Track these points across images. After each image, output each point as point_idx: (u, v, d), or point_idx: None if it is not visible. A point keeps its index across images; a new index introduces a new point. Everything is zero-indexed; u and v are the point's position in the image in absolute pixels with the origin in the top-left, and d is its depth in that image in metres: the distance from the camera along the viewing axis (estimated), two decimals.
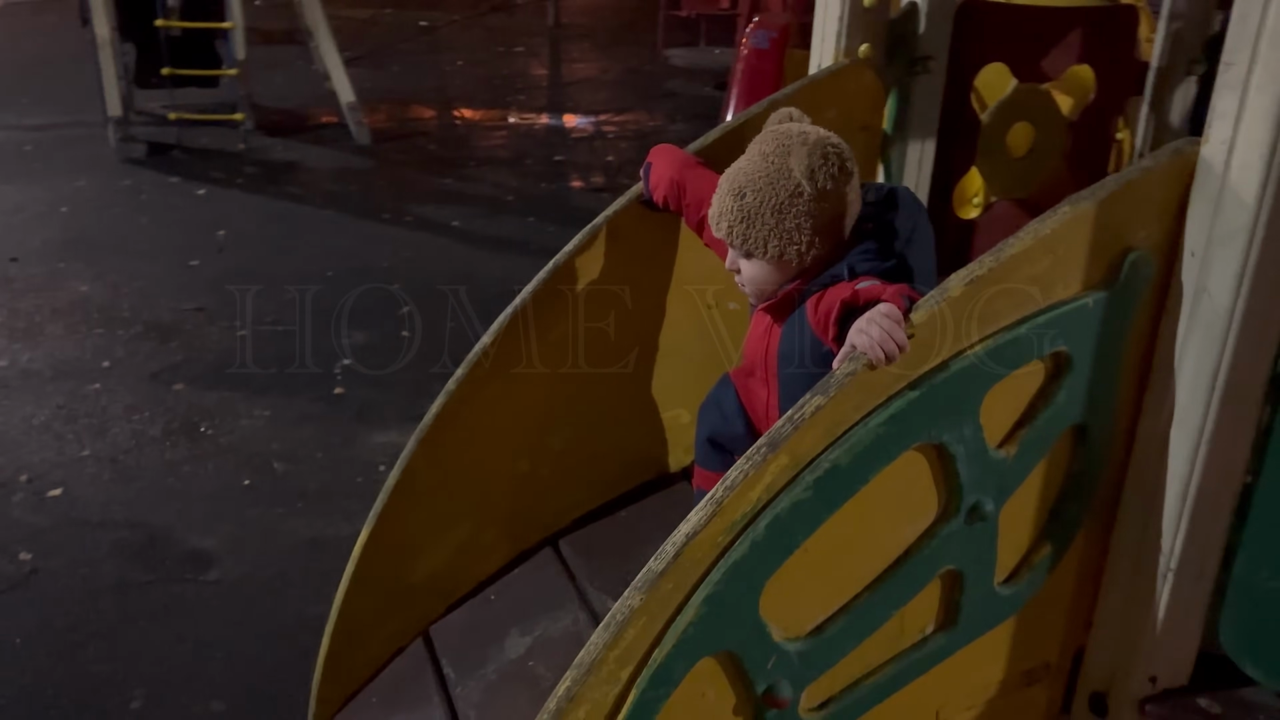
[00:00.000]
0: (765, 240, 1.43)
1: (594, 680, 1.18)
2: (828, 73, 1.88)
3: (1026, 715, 1.51)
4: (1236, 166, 1.15)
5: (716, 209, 1.49)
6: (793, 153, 1.41)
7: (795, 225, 1.41)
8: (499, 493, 1.89)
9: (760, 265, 1.47)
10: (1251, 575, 1.32)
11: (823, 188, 1.39)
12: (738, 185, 1.46)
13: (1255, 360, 1.22)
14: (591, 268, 1.84)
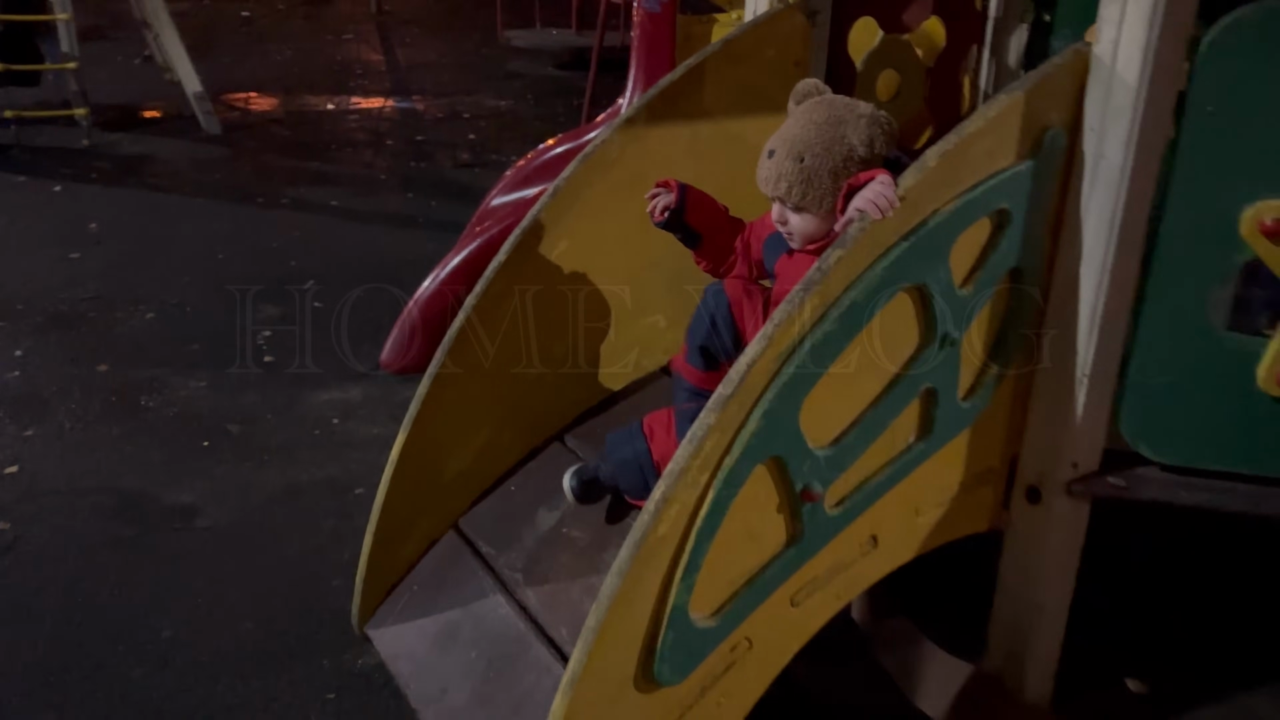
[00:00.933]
0: (821, 198, 1.70)
1: (681, 485, 1.48)
2: (766, 16, 2.23)
3: (978, 510, 1.91)
4: (1121, 60, 1.57)
5: (774, 171, 1.72)
6: (848, 123, 1.69)
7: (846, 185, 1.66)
8: (513, 397, 2.16)
9: (811, 218, 1.74)
10: (1141, 376, 1.76)
11: (878, 154, 1.70)
12: (797, 150, 1.70)
13: (1140, 207, 1.64)
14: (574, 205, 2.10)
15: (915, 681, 2.16)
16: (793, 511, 1.62)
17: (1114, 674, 2.21)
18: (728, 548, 1.56)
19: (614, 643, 1.52)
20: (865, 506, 1.71)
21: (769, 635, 1.70)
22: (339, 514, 2.73)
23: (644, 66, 3.51)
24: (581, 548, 1.98)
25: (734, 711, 1.73)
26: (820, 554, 1.69)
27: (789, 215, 1.77)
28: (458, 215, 5.02)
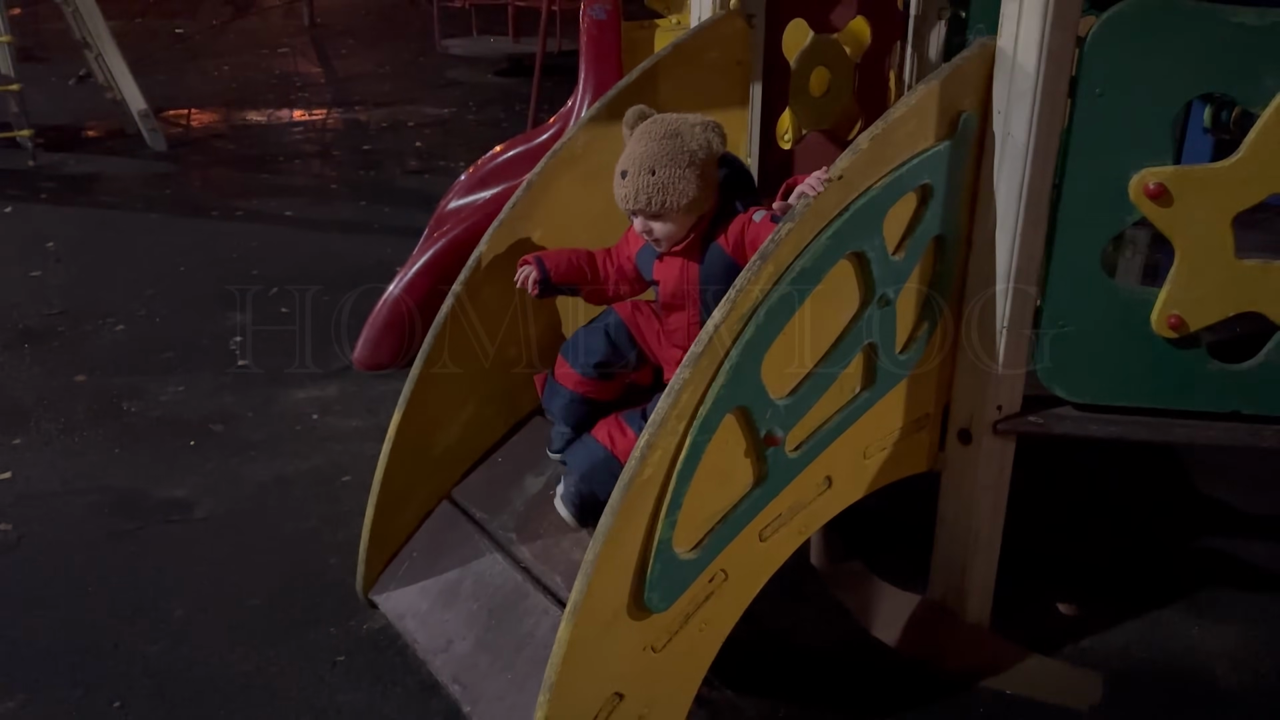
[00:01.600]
0: (677, 203, 1.94)
1: (663, 432, 1.70)
2: (710, 21, 2.46)
3: (918, 452, 2.16)
4: (1020, 50, 1.82)
5: (630, 188, 1.95)
6: (683, 133, 1.94)
7: (697, 186, 1.94)
8: (495, 376, 2.36)
9: (671, 223, 1.98)
10: (1052, 326, 2.02)
11: (715, 153, 1.96)
12: (647, 165, 1.93)
13: (1043, 178, 1.90)
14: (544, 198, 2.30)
15: (870, 614, 2.40)
16: (758, 455, 1.84)
17: (1044, 599, 2.47)
18: (703, 488, 1.78)
19: (609, 575, 1.73)
20: (820, 450, 1.95)
21: (741, 567, 1.92)
22: (328, 499, 2.89)
23: (593, 70, 3.72)
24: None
25: (713, 637, 1.95)
26: (783, 493, 1.92)
27: (652, 225, 1.99)
28: (412, 220, 5.19)
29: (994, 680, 2.21)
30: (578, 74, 3.88)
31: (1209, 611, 2.43)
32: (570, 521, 2.07)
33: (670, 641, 1.87)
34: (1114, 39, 1.82)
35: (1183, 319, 1.94)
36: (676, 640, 1.88)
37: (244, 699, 2.17)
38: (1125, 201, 1.89)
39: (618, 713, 1.84)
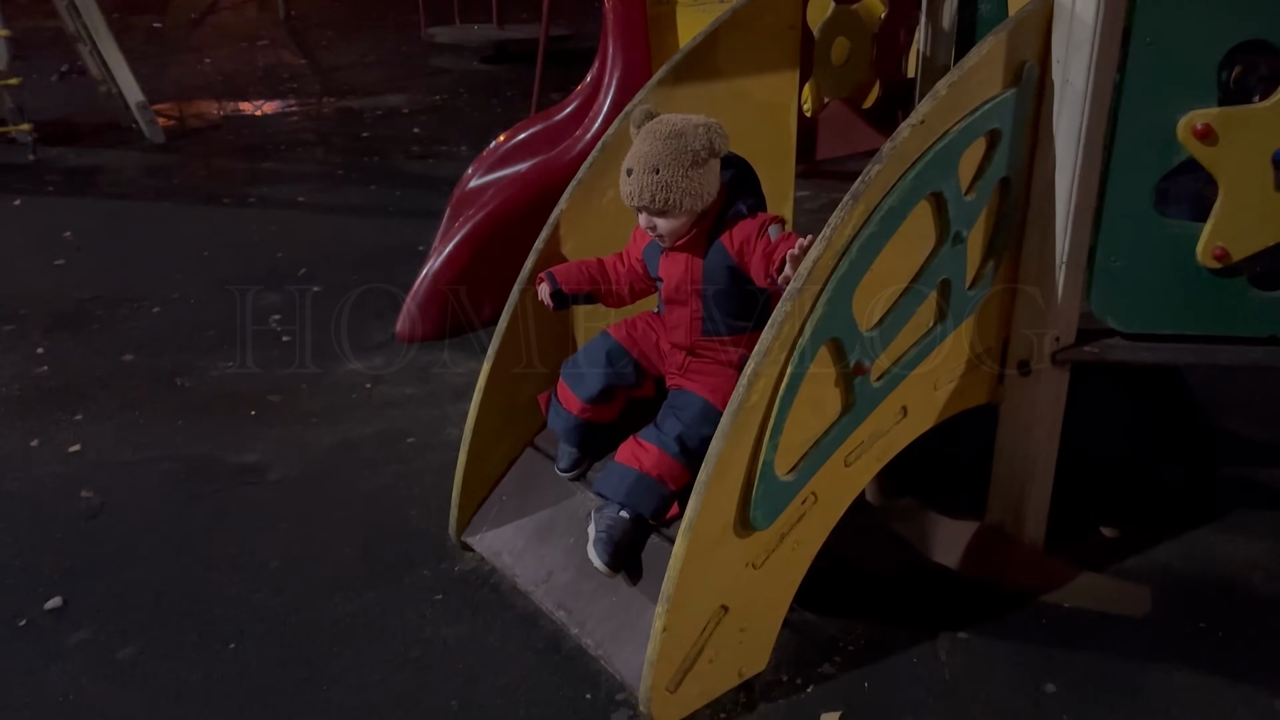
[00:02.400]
0: (680, 200, 2.04)
1: (767, 362, 1.85)
2: None
3: (980, 385, 2.32)
4: (1079, 3, 1.98)
5: (635, 186, 2.04)
6: (686, 133, 2.02)
7: (700, 184, 2.05)
8: (574, 326, 2.49)
9: (675, 219, 2.09)
10: (1105, 260, 2.18)
11: (718, 152, 2.07)
12: (651, 164, 2.02)
13: (1099, 122, 2.06)
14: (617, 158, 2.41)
15: (929, 542, 2.56)
16: (847, 384, 1.99)
17: (1088, 524, 2.64)
18: (800, 415, 1.93)
19: (719, 494, 1.88)
20: (899, 381, 2.10)
21: (829, 490, 2.08)
22: (397, 460, 3.01)
23: (620, 45, 3.84)
24: None
25: (804, 556, 2.10)
26: (866, 421, 2.08)
27: (656, 221, 2.10)
28: (425, 202, 5.31)
29: (1052, 596, 2.38)
30: (602, 50, 3.99)
31: (1240, 529, 2.61)
32: (604, 570, 2.09)
33: (768, 559, 2.02)
34: None
35: (1226, 250, 2.11)
36: (773, 558, 2.03)
37: (352, 635, 2.29)
38: (1174, 142, 2.06)
39: (723, 624, 1.99)
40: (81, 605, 2.41)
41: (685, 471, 2.09)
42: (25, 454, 3.08)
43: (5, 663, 2.24)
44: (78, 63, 8.10)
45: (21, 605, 2.41)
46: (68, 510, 2.79)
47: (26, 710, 2.11)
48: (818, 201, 3.35)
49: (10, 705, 2.12)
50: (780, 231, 2.05)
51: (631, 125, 2.14)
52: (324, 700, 2.12)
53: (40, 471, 2.98)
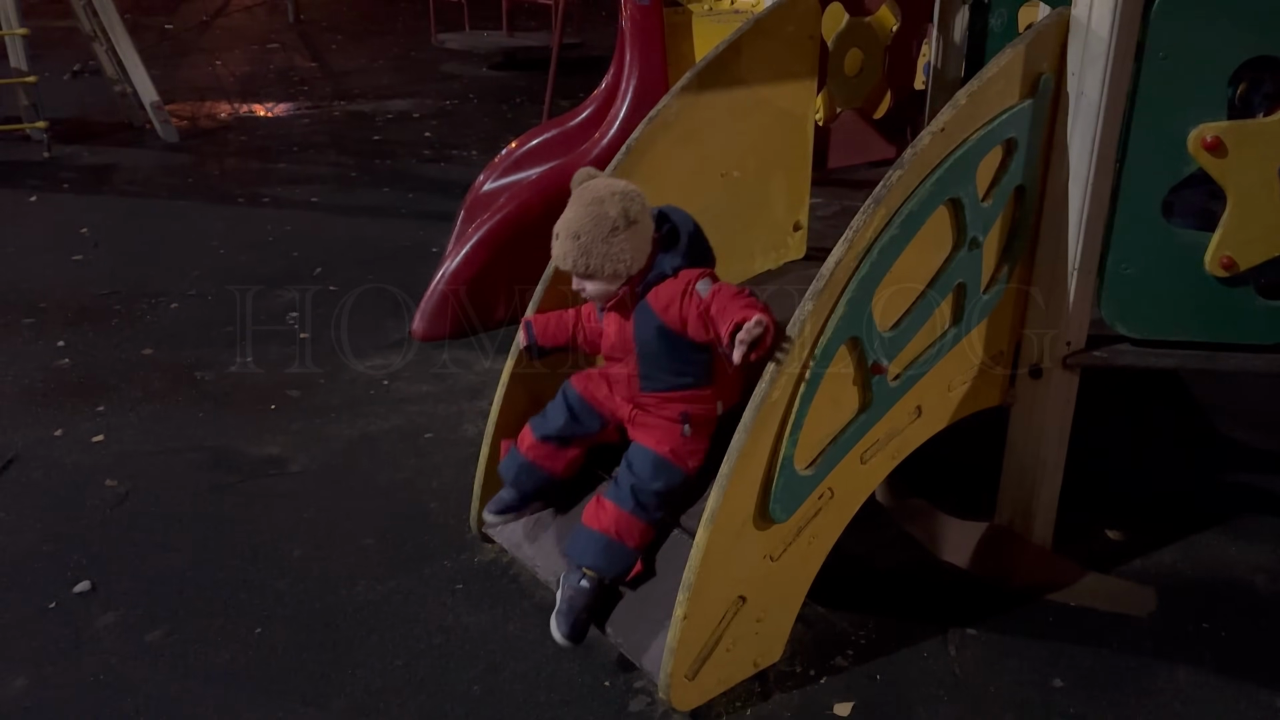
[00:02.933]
0: (602, 265, 2.08)
1: (789, 360, 1.91)
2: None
3: (992, 387, 2.38)
4: (1094, 19, 2.05)
5: (560, 251, 2.10)
6: (604, 201, 2.06)
7: (619, 249, 2.08)
8: None
9: (600, 283, 2.12)
10: (1116, 268, 2.25)
11: (633, 220, 2.07)
12: (573, 231, 2.08)
13: (1112, 133, 2.13)
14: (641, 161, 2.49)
15: (938, 542, 2.62)
16: (865, 383, 2.06)
17: (1094, 526, 2.70)
18: (819, 411, 1.99)
19: (740, 487, 1.94)
20: (914, 381, 2.16)
21: (845, 486, 2.14)
22: (416, 453, 3.07)
23: (638, 53, 3.91)
24: None
25: (819, 550, 2.16)
26: (883, 420, 2.14)
27: (585, 284, 2.15)
28: (437, 205, 5.38)
29: (1059, 594, 2.44)
30: (619, 57, 4.06)
31: (1243, 533, 2.67)
32: (563, 643, 2.12)
33: (785, 552, 2.08)
34: (1178, 8, 2.04)
35: (1234, 259, 2.18)
36: (790, 551, 2.09)
37: (376, 621, 2.34)
38: (1184, 154, 2.12)
39: (741, 614, 2.05)
40: (110, 590, 2.46)
41: (644, 527, 2.14)
42: (49, 443, 3.13)
43: (37, 643, 2.29)
44: (91, 62, 8.17)
45: (51, 589, 2.46)
46: (93, 499, 2.84)
47: (59, 690, 2.16)
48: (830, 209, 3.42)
49: (43, 685, 2.17)
50: (710, 286, 2.06)
51: (572, 184, 2.17)
52: (348, 684, 2.17)
53: (65, 461, 3.04)
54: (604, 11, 13.20)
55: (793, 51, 2.68)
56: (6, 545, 2.63)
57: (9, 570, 2.53)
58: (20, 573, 2.52)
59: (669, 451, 2.15)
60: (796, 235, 2.91)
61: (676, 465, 2.15)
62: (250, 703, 2.12)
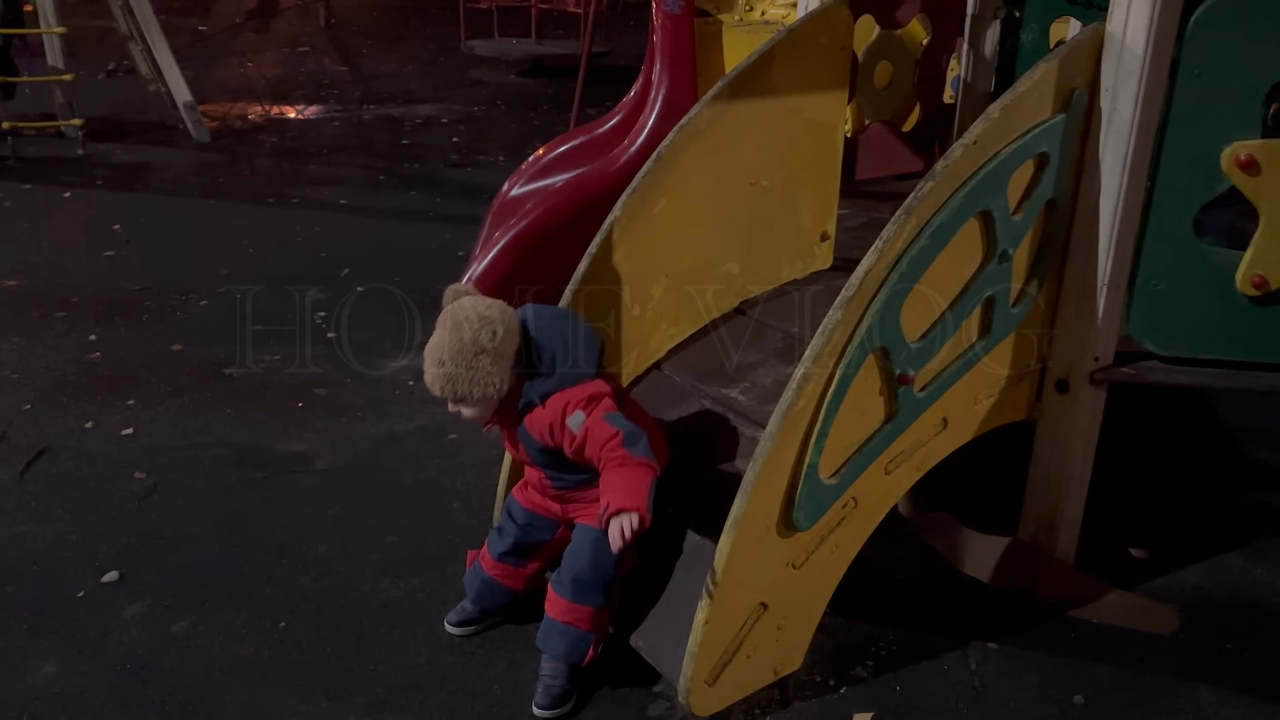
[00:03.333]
0: (469, 390, 2.01)
1: (816, 368, 1.91)
2: (819, 9, 2.67)
3: (1019, 401, 2.38)
4: (1129, 34, 2.05)
5: (428, 377, 2.03)
6: (464, 326, 1.99)
7: (485, 374, 2.00)
8: (622, 330, 2.56)
9: (472, 407, 2.06)
10: (1146, 284, 2.24)
11: (501, 344, 2.00)
12: (437, 357, 2.01)
13: (1145, 149, 2.13)
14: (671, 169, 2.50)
15: (960, 555, 2.62)
16: (891, 393, 2.06)
17: (1117, 543, 2.69)
18: (845, 421, 2.00)
19: (765, 493, 1.94)
20: (941, 393, 2.16)
21: (869, 496, 2.14)
22: (440, 454, 3.09)
23: (668, 62, 3.93)
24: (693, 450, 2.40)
25: (841, 560, 2.16)
26: (908, 431, 2.14)
27: (459, 408, 2.08)
28: (464, 209, 5.43)
29: (1082, 611, 2.43)
30: (648, 66, 4.08)
31: (1270, 555, 2.66)
32: (543, 715, 2.10)
33: (808, 560, 2.08)
34: (1213, 26, 2.04)
35: (1265, 278, 2.17)
36: (812, 560, 2.09)
37: (398, 618, 2.36)
38: (1217, 171, 2.12)
39: (762, 621, 2.05)
40: (136, 580, 2.50)
41: (590, 610, 2.11)
42: (80, 435, 3.18)
43: (66, 631, 2.32)
44: (125, 61, 8.29)
45: (79, 578, 2.50)
46: (121, 490, 2.88)
47: (86, 676, 2.19)
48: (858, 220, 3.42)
49: (71, 671, 2.20)
50: (581, 422, 2.02)
51: (443, 302, 2.11)
52: (371, 678, 2.19)
53: (95, 452, 3.08)
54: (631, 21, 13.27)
55: (824, 62, 2.69)
56: (37, 534, 2.67)
57: (39, 558, 2.57)
58: (50, 561, 2.56)
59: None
60: (824, 245, 2.92)
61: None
62: (273, 695, 2.14)
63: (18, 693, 2.14)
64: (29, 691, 2.14)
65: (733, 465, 2.30)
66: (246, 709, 2.11)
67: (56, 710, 2.10)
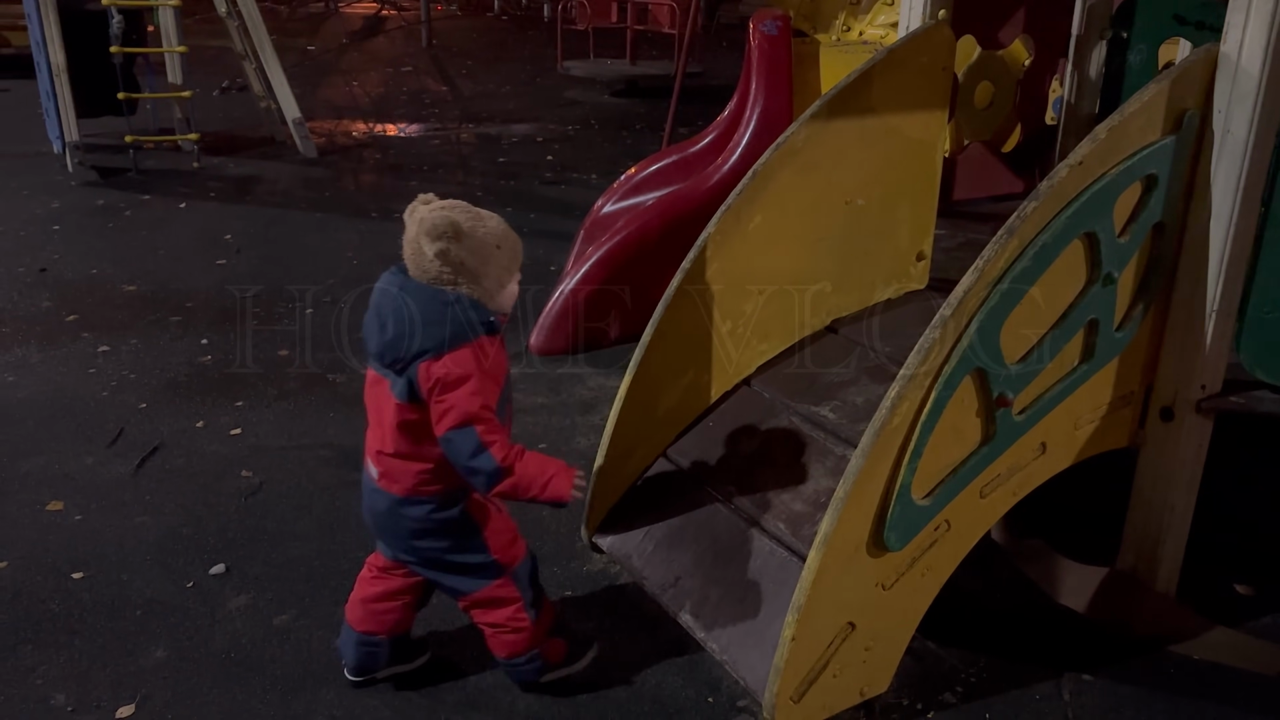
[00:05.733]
0: None
1: (912, 386, 1.91)
2: (921, 30, 2.67)
3: (1121, 428, 2.33)
4: (1245, 55, 2.00)
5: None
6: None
7: None
8: (713, 345, 2.58)
9: None
10: (1258, 312, 2.18)
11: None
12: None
13: (1259, 173, 2.07)
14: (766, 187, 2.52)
15: (1055, 584, 2.56)
16: (989, 415, 2.04)
17: (1221, 578, 2.60)
18: (940, 441, 1.98)
19: (855, 511, 1.94)
20: (1040, 417, 2.13)
21: (963, 520, 2.11)
22: None
23: (764, 80, 3.96)
24: (781, 466, 2.40)
25: (933, 583, 2.14)
26: (1005, 454, 2.11)
27: None
28: (557, 225, 5.51)
29: (1181, 646, 2.35)
30: (744, 85, 4.12)
31: None
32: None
33: (898, 582, 2.07)
34: None
35: None
36: (903, 581, 2.08)
37: None
38: None
39: (849, 641, 2.04)
40: (242, 573, 2.60)
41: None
42: (191, 434, 3.32)
43: (175, 619, 2.43)
44: (238, 79, 8.65)
45: (189, 569, 2.61)
46: (229, 487, 3.00)
47: (192, 663, 2.29)
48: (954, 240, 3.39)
49: (179, 657, 2.30)
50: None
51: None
52: (461, 678, 2.24)
53: (205, 450, 3.22)
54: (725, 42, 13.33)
55: (924, 82, 2.68)
56: (151, 525, 2.80)
57: (153, 549, 2.69)
58: (162, 552, 2.68)
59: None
60: (919, 265, 2.90)
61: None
62: (369, 690, 2.21)
63: (131, 674, 2.24)
64: (140, 674, 2.25)
65: (821, 483, 2.30)
66: (341, 700, 2.18)
67: (166, 693, 2.20)
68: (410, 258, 1.95)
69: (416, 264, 1.94)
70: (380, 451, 1.99)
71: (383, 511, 2.02)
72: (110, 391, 3.61)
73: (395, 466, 1.98)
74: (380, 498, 2.01)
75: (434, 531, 2.01)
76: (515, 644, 2.11)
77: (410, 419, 1.93)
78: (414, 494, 1.98)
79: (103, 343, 4.02)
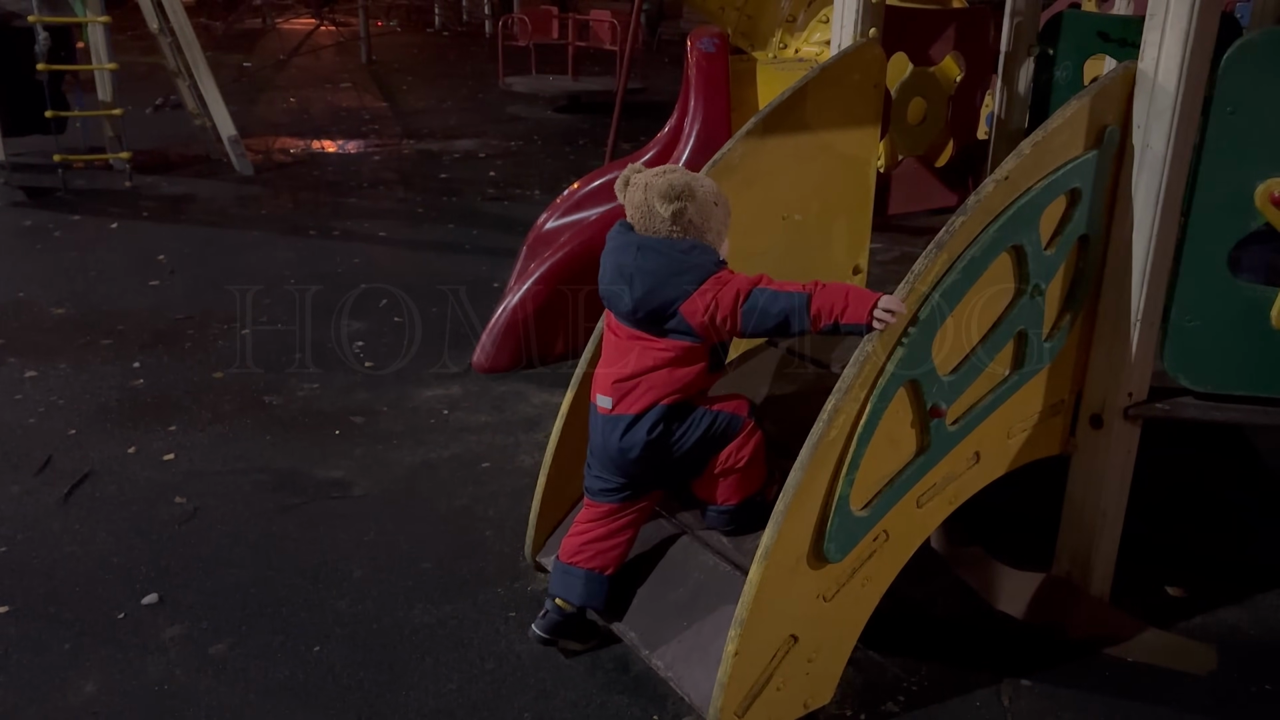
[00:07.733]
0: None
1: (847, 399, 1.93)
2: (852, 48, 2.72)
3: (1052, 436, 2.37)
4: (1161, 72, 2.06)
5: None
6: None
7: None
8: None
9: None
10: (1180, 320, 2.24)
11: None
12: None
13: (1177, 186, 2.13)
14: None
15: (993, 591, 2.60)
16: (923, 426, 2.07)
17: (1153, 581, 2.66)
18: (877, 453, 2.01)
19: (795, 524, 1.95)
20: (974, 426, 2.17)
21: (901, 529, 2.14)
22: (473, 482, 3.12)
23: (702, 98, 3.99)
24: None
25: (873, 593, 2.16)
26: (940, 464, 2.14)
27: None
28: (502, 241, 5.50)
29: (1116, 649, 2.40)
30: (683, 101, 4.15)
31: None
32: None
33: (839, 593, 2.09)
34: (1246, 64, 2.06)
35: None
36: (844, 592, 2.09)
37: (431, 645, 2.38)
38: (1251, 208, 2.12)
39: (792, 653, 2.05)
40: (176, 603, 2.54)
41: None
42: (123, 460, 3.24)
43: (105, 652, 2.36)
44: (172, 96, 8.51)
45: (120, 599, 2.55)
46: (162, 514, 2.94)
47: (125, 697, 2.23)
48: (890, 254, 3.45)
49: (110, 691, 2.24)
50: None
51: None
52: (403, 704, 2.21)
53: (137, 477, 3.14)
54: (666, 58, 13.43)
55: (857, 98, 2.72)
56: (80, 555, 2.72)
57: (82, 580, 2.62)
58: (92, 583, 2.61)
59: None
60: (856, 278, 2.94)
61: None
62: (307, 719, 2.16)
63: (60, 710, 2.18)
64: (70, 711, 2.18)
65: None
66: None
67: None
68: (640, 219, 2.17)
69: (647, 224, 2.16)
70: (620, 379, 2.18)
71: (639, 442, 2.16)
72: (37, 418, 3.51)
73: (639, 387, 2.16)
74: (628, 425, 2.16)
75: (688, 428, 2.18)
76: (757, 477, 2.25)
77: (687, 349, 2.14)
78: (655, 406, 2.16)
79: (30, 368, 3.92)
